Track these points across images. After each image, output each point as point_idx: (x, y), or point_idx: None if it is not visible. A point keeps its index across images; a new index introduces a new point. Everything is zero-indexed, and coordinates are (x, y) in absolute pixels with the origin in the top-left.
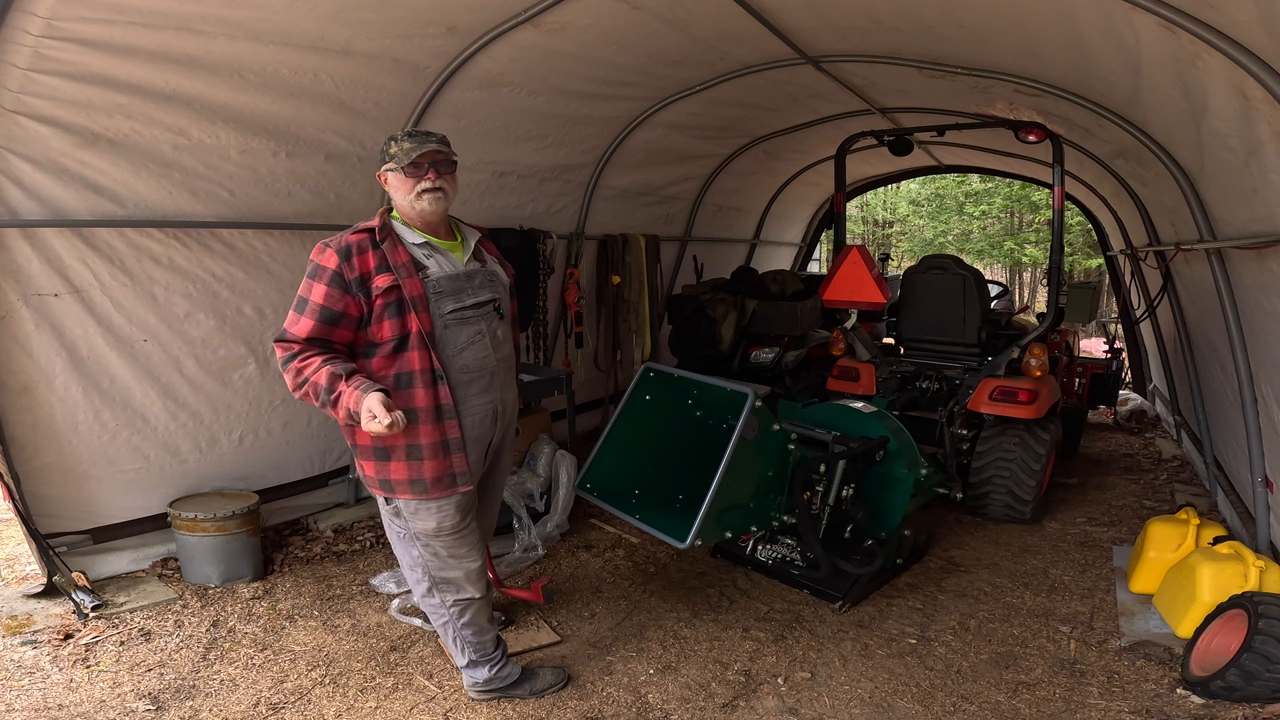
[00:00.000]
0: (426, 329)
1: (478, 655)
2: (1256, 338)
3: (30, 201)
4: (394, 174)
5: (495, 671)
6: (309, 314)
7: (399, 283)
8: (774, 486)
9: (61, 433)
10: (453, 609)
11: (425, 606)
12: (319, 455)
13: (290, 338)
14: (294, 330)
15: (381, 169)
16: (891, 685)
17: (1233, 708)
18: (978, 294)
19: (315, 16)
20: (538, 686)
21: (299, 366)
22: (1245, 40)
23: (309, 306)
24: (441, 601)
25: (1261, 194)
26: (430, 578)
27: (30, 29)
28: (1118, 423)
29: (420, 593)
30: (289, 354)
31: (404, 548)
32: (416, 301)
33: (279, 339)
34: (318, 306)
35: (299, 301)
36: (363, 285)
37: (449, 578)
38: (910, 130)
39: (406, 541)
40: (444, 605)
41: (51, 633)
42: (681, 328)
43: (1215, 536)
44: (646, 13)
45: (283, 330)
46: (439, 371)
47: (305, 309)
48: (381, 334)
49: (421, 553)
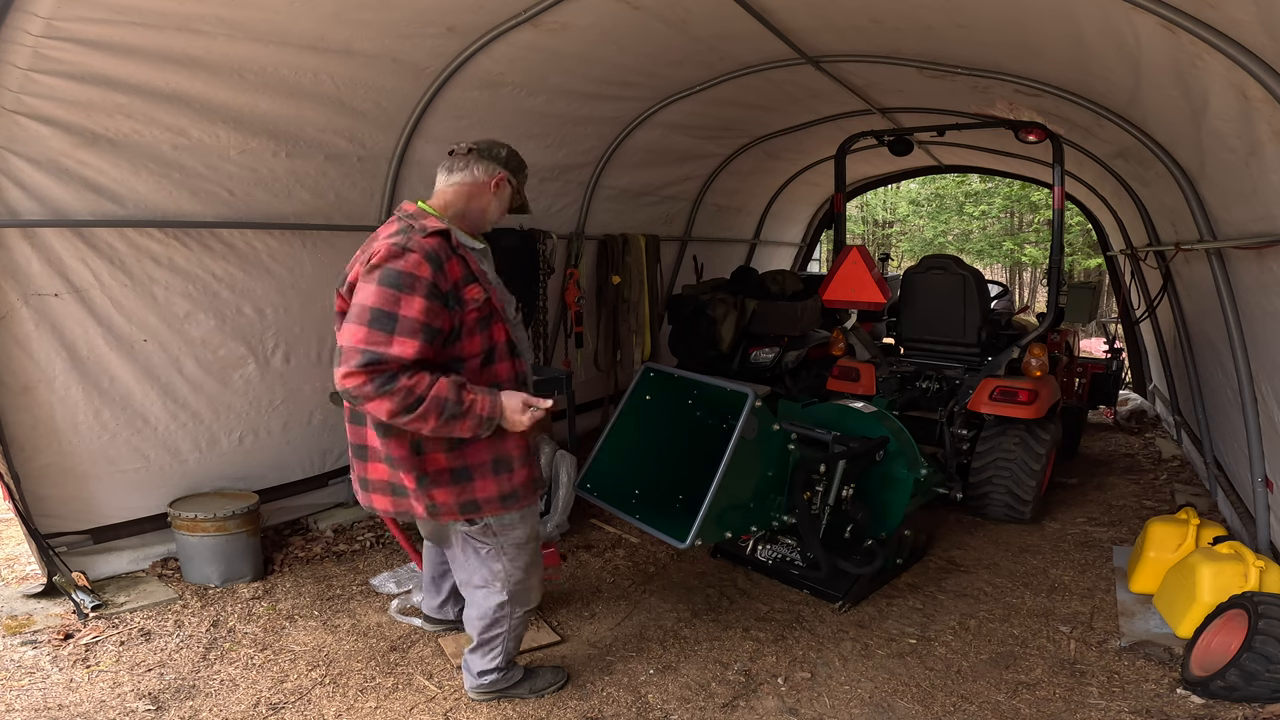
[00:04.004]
0: (509, 338)
1: (506, 660)
2: (1256, 338)
3: (30, 201)
4: (510, 188)
5: (507, 671)
6: (409, 333)
7: (488, 293)
8: (774, 486)
9: (61, 433)
10: (519, 619)
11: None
12: (319, 455)
13: (392, 357)
14: (393, 352)
15: (505, 175)
16: (891, 685)
17: (1233, 708)
18: (978, 294)
19: (315, 16)
20: (537, 685)
21: (408, 385)
22: (1245, 40)
23: (408, 324)
24: (511, 614)
25: (1261, 194)
26: (509, 591)
27: (30, 29)
28: (1118, 423)
29: (488, 607)
30: (385, 373)
31: (485, 564)
32: (499, 311)
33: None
34: (419, 324)
35: (385, 318)
36: (455, 296)
37: (529, 587)
38: (910, 130)
39: (491, 558)
40: (512, 616)
41: (51, 633)
42: (681, 328)
43: (1215, 536)
44: (646, 13)
45: (369, 353)
46: (524, 378)
47: (403, 327)
48: (471, 348)
49: (506, 566)
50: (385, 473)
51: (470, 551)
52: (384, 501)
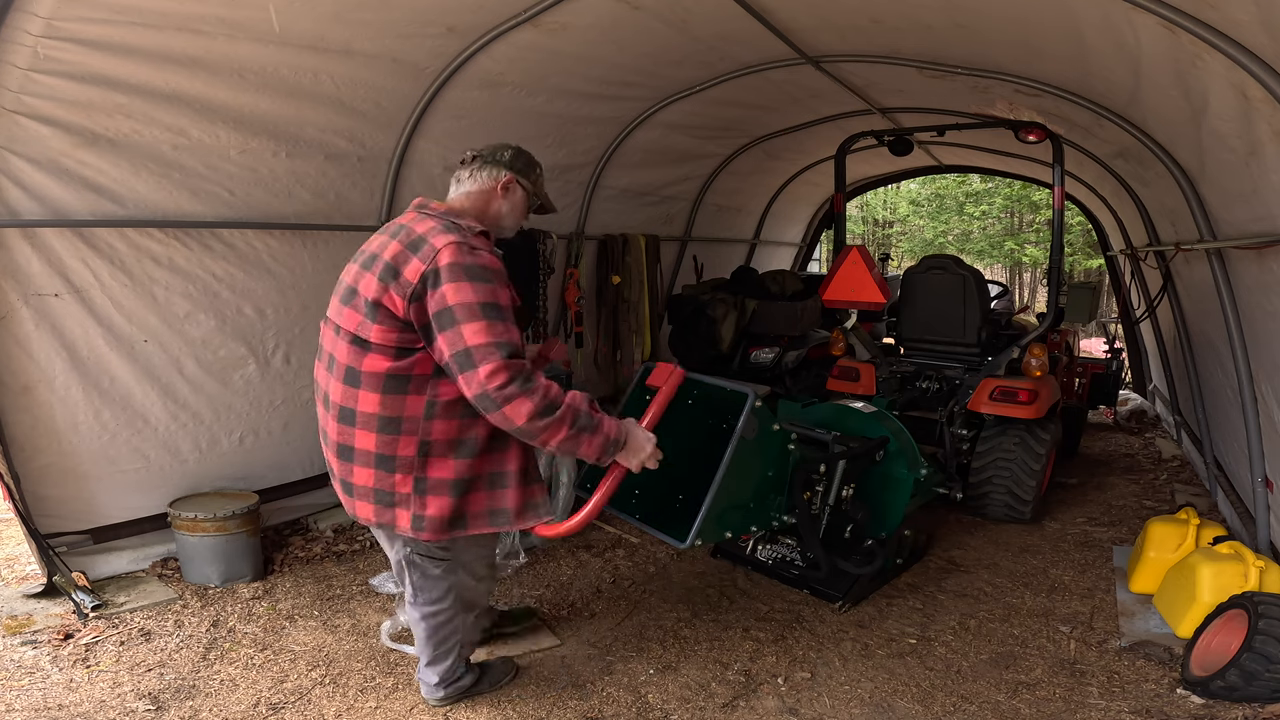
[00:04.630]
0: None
1: (463, 664)
2: (1256, 338)
3: (30, 201)
4: (521, 189)
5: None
6: (513, 322)
7: (516, 300)
8: (774, 486)
9: (61, 433)
10: (468, 627)
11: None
12: (319, 455)
13: (519, 346)
14: (516, 340)
15: (512, 177)
16: (891, 685)
17: (1233, 708)
18: (978, 294)
19: (315, 16)
20: (495, 678)
21: (546, 385)
22: (1245, 40)
23: (509, 314)
24: (462, 623)
25: (1261, 194)
26: (460, 602)
27: (30, 29)
28: (1118, 423)
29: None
30: (523, 372)
31: (433, 585)
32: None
33: (513, 355)
34: (512, 314)
35: (494, 309)
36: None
37: (474, 599)
38: (910, 130)
39: (441, 576)
40: (465, 625)
41: (51, 633)
42: (681, 328)
43: (1215, 536)
44: (646, 13)
45: (506, 345)
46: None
47: (508, 316)
48: None
49: (459, 581)
50: (371, 478)
51: (421, 576)
52: (366, 509)
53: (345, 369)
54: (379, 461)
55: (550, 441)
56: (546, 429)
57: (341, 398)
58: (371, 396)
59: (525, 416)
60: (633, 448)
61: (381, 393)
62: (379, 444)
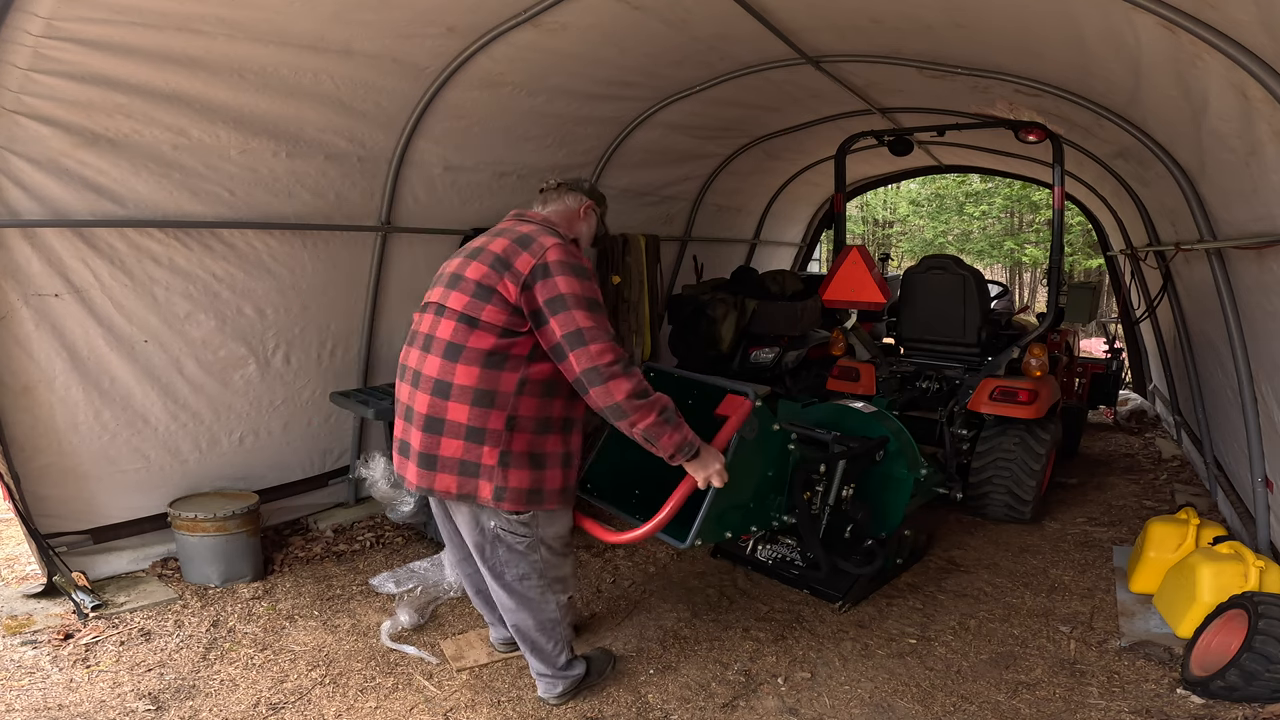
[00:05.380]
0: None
1: (572, 654)
2: (1256, 338)
3: (30, 201)
4: (595, 215)
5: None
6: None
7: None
8: (774, 486)
9: (61, 433)
10: (564, 607)
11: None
12: (319, 455)
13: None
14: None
15: (591, 204)
16: (891, 685)
17: (1233, 708)
18: (978, 294)
19: (315, 17)
20: (599, 668)
21: (640, 374)
22: (1245, 40)
23: (604, 309)
24: (557, 603)
25: (1261, 194)
26: (545, 580)
27: (30, 29)
28: (1118, 423)
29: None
30: (625, 356)
31: (519, 559)
32: None
33: (616, 343)
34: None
35: (595, 304)
36: None
37: (562, 575)
38: (910, 130)
39: (525, 551)
40: (558, 606)
41: (51, 633)
42: (681, 328)
43: (1215, 536)
44: (647, 13)
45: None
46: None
47: (605, 310)
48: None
49: (542, 556)
50: (460, 449)
51: (508, 549)
52: (448, 481)
53: (447, 345)
54: (469, 434)
55: (639, 423)
56: (638, 410)
57: (439, 371)
58: (471, 370)
59: (625, 394)
60: (704, 460)
61: (481, 367)
62: (471, 416)
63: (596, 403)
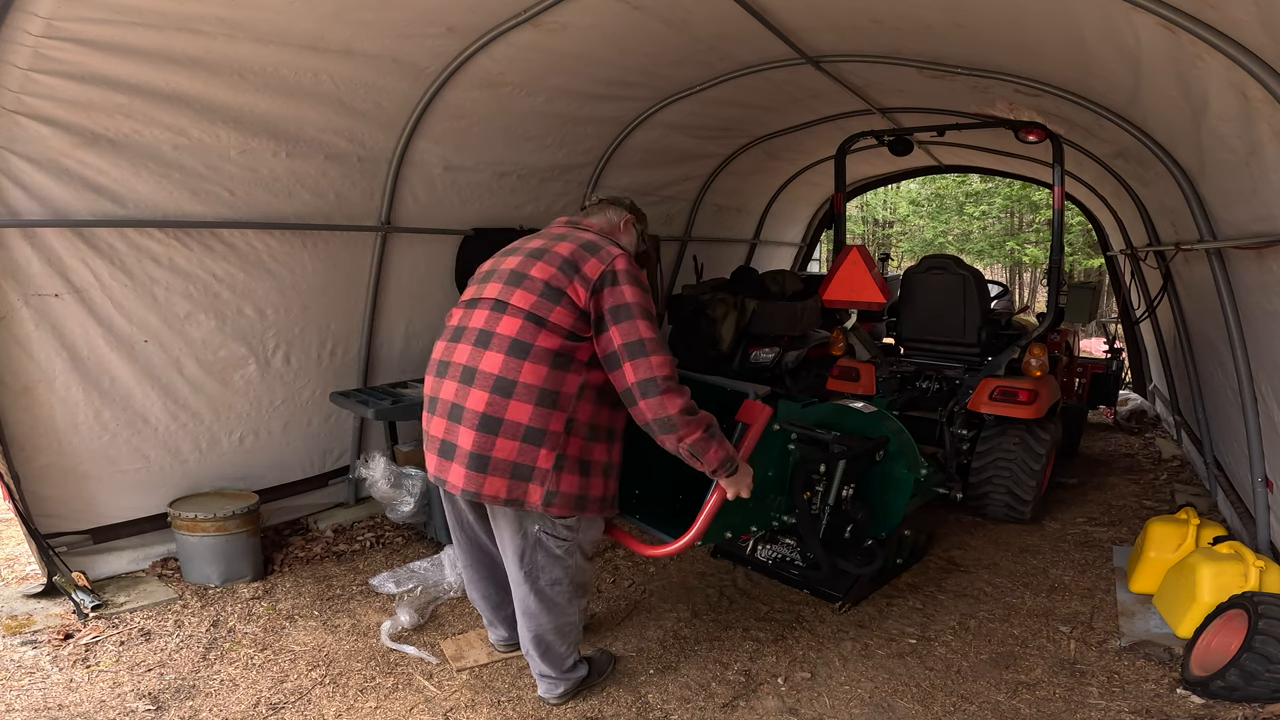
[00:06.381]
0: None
1: (578, 656)
2: (1256, 338)
3: (30, 201)
4: (635, 230)
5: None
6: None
7: None
8: (774, 486)
9: (61, 433)
10: (583, 612)
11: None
12: (319, 455)
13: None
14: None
15: (633, 219)
16: (891, 685)
17: (1233, 708)
18: (978, 294)
19: (315, 17)
20: (600, 669)
21: (689, 391)
22: (1245, 40)
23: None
24: (580, 608)
25: (1261, 194)
26: (574, 586)
27: (30, 29)
28: (1118, 423)
29: (558, 604)
30: (678, 375)
31: (555, 564)
32: None
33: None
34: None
35: (651, 315)
36: None
37: (586, 580)
38: (910, 130)
39: (563, 556)
40: (580, 611)
41: (51, 633)
42: (681, 328)
43: (1215, 536)
44: (647, 13)
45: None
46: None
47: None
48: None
49: (576, 563)
50: (515, 451)
51: (544, 555)
52: (498, 485)
53: (512, 341)
54: (528, 434)
55: (686, 439)
56: (687, 425)
57: (502, 368)
58: (539, 369)
59: (679, 409)
60: (742, 474)
61: (550, 367)
62: (534, 416)
63: (646, 414)
